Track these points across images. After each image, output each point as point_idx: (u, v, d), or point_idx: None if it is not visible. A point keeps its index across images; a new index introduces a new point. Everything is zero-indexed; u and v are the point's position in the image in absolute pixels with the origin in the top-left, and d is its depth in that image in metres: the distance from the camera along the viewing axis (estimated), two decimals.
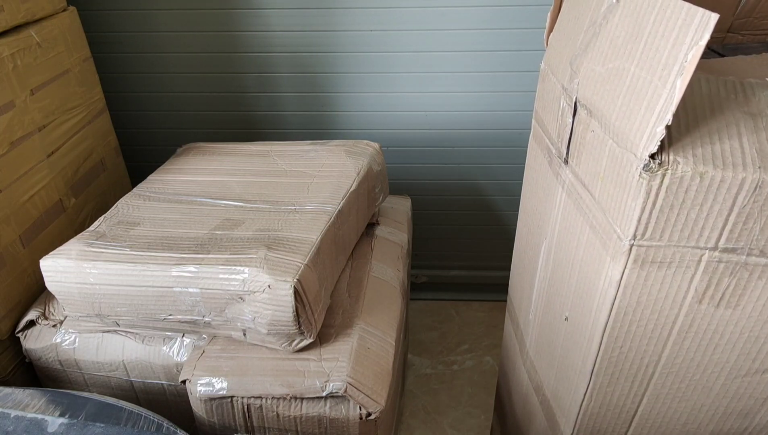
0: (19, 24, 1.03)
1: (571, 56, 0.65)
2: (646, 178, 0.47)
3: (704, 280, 0.53)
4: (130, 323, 0.93)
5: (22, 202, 1.02)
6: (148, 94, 1.49)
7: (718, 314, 0.55)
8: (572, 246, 0.66)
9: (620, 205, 0.52)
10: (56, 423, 0.73)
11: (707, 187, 0.46)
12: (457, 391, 1.45)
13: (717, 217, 0.48)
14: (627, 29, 0.53)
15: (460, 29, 1.36)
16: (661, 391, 0.64)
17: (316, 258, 0.88)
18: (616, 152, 0.52)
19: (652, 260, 0.52)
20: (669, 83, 0.45)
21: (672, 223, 0.50)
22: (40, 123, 1.07)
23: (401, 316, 1.05)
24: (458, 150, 1.52)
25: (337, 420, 0.86)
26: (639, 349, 0.60)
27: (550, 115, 0.71)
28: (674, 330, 0.58)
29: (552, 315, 0.76)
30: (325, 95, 1.47)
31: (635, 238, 0.51)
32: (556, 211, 0.71)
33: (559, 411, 0.77)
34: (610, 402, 0.67)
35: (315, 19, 1.36)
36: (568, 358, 0.70)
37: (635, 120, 0.49)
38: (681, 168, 0.46)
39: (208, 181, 1.09)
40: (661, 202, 0.48)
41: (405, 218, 1.32)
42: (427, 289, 1.77)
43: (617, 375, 0.63)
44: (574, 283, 0.66)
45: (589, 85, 0.59)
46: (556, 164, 0.70)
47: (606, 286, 0.57)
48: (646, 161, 0.47)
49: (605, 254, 0.56)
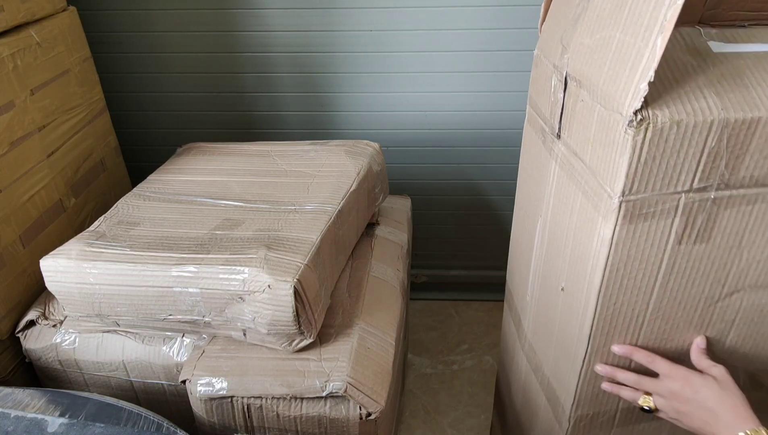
0: (19, 24, 1.03)
1: (561, 35, 0.68)
2: (630, 134, 0.52)
3: (682, 222, 0.58)
4: (130, 323, 0.93)
5: (22, 202, 1.02)
6: (148, 94, 1.49)
7: (695, 250, 0.60)
8: (566, 216, 0.69)
9: (609, 164, 0.56)
10: (56, 423, 0.73)
11: (683, 134, 0.52)
12: (457, 391, 1.45)
13: (691, 160, 0.54)
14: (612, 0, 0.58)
15: (460, 29, 1.36)
16: (650, 338, 0.67)
17: (316, 258, 0.88)
18: (603, 116, 0.56)
19: (638, 213, 0.57)
20: (651, 42, 0.50)
21: (655, 174, 0.54)
22: (40, 123, 1.07)
23: (401, 316, 1.05)
24: (458, 150, 1.52)
25: (337, 420, 0.86)
26: (630, 301, 0.64)
27: (543, 96, 0.74)
28: (659, 275, 0.62)
29: (549, 290, 0.78)
30: (325, 95, 1.47)
31: (624, 194, 0.55)
32: (550, 186, 0.73)
33: (559, 386, 0.78)
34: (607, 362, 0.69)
35: (314, 19, 1.36)
36: (566, 329, 0.72)
37: (621, 82, 0.53)
38: (660, 120, 0.51)
39: (208, 181, 1.09)
40: (645, 155, 0.53)
41: (405, 218, 1.32)
42: (427, 289, 1.77)
43: (612, 333, 0.66)
44: (569, 252, 0.69)
45: (578, 57, 0.63)
46: (549, 141, 0.73)
47: (599, 247, 0.60)
48: (631, 118, 0.51)
49: (597, 216, 0.60)
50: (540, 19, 0.77)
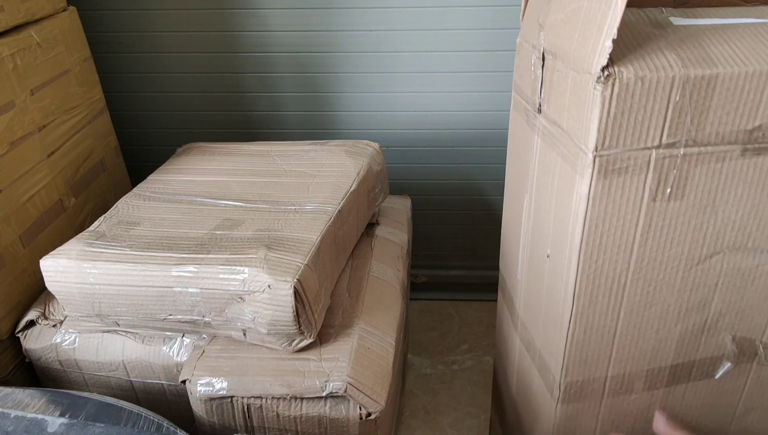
0: (19, 24, 1.03)
1: (537, 16, 0.72)
2: (599, 90, 0.56)
3: (655, 178, 0.61)
4: (130, 323, 0.93)
5: (22, 202, 1.02)
6: (148, 94, 1.49)
7: (670, 208, 0.63)
8: (548, 183, 0.71)
9: (583, 123, 0.60)
10: (56, 423, 0.73)
11: (648, 88, 0.56)
12: (457, 391, 1.45)
13: (658, 115, 0.57)
14: None
15: (460, 29, 1.36)
16: (634, 300, 0.69)
17: (316, 258, 0.88)
18: (576, 79, 0.60)
19: (612, 168, 0.60)
20: (612, 4, 0.54)
21: (624, 129, 0.58)
22: (40, 123, 1.07)
23: (401, 316, 1.05)
24: (458, 150, 1.52)
25: (337, 420, 0.86)
26: (611, 260, 0.66)
27: (525, 78, 0.77)
28: (638, 232, 0.64)
29: (536, 261, 0.80)
30: (325, 95, 1.47)
31: (597, 149, 0.59)
32: (534, 160, 0.76)
33: (549, 355, 0.79)
34: (593, 324, 0.71)
35: (315, 19, 1.36)
36: (552, 295, 0.75)
37: (589, 45, 0.57)
38: (626, 75, 0.55)
39: (208, 181, 1.09)
40: (614, 110, 0.57)
41: (405, 218, 1.32)
42: (427, 289, 1.77)
43: (596, 293, 0.68)
44: (552, 219, 0.72)
45: (552, 32, 0.66)
46: (531, 118, 0.76)
47: (577, 204, 0.63)
48: (599, 75, 0.55)
49: (574, 174, 0.63)
50: (521, 10, 0.81)
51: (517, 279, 0.90)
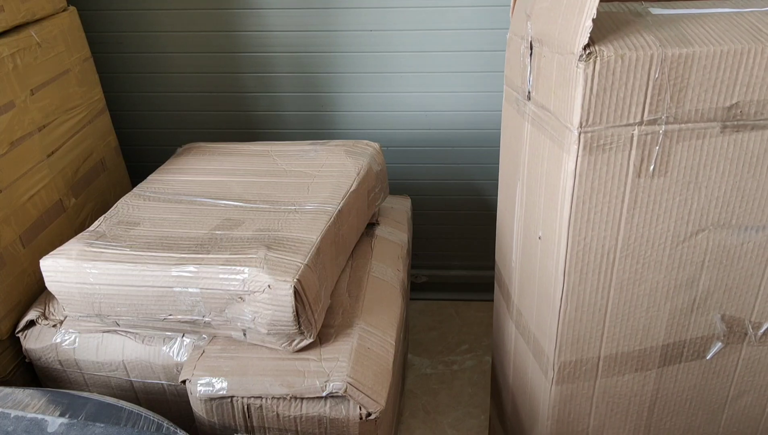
0: (19, 24, 1.03)
1: (525, 8, 0.74)
2: (581, 67, 0.58)
3: (638, 155, 0.63)
4: (130, 323, 0.93)
5: (22, 202, 1.02)
6: (148, 94, 1.49)
7: (654, 184, 0.65)
8: (538, 166, 0.73)
9: (567, 102, 0.62)
10: (56, 423, 0.73)
11: (627, 67, 0.58)
12: (457, 391, 1.45)
13: (638, 92, 0.60)
14: None
15: (459, 29, 1.36)
16: (623, 277, 0.71)
17: (316, 258, 0.88)
18: (561, 62, 0.62)
19: (596, 145, 0.62)
20: None
21: (607, 106, 0.60)
22: (40, 123, 1.07)
23: (401, 316, 1.05)
24: (458, 150, 1.52)
25: (337, 420, 0.86)
26: (599, 236, 0.68)
27: (515, 69, 0.79)
28: (624, 209, 0.66)
29: (529, 244, 0.81)
30: (325, 95, 1.47)
31: (581, 125, 0.61)
32: (525, 146, 0.78)
33: (542, 336, 0.80)
34: (584, 301, 0.72)
35: (315, 19, 1.36)
36: (544, 275, 0.76)
37: (571, 27, 0.60)
38: (606, 54, 0.58)
39: (208, 181, 1.09)
40: (597, 87, 0.59)
41: (405, 218, 1.32)
42: (427, 289, 1.77)
43: (585, 270, 0.70)
44: (543, 200, 0.73)
45: (539, 20, 0.68)
46: (521, 105, 0.78)
47: (565, 181, 0.65)
48: (581, 53, 0.58)
49: (561, 153, 0.65)
50: (511, 8, 0.82)
51: (512, 266, 0.92)
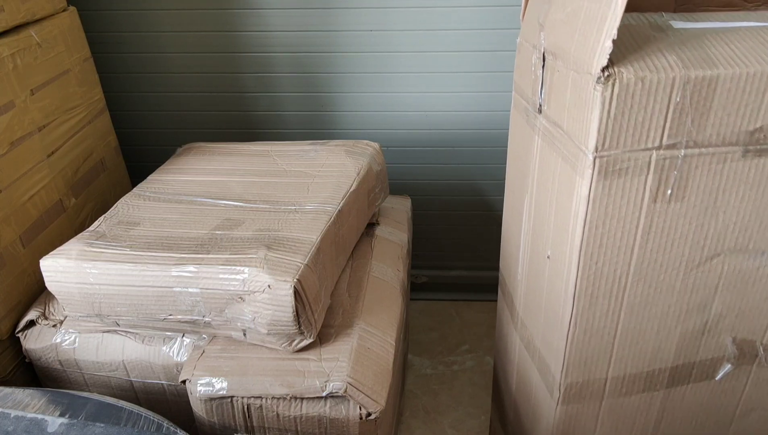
0: (19, 24, 1.03)
1: (537, 16, 0.72)
2: (599, 90, 0.55)
3: (656, 179, 0.61)
4: (130, 323, 0.93)
5: (22, 202, 1.02)
6: (148, 94, 1.49)
7: (670, 210, 0.63)
8: (549, 184, 0.71)
9: (583, 124, 0.60)
10: (56, 423, 0.73)
11: (648, 89, 0.55)
12: (457, 392, 1.45)
13: (658, 116, 0.57)
14: None
15: (460, 29, 1.36)
16: (634, 301, 0.69)
17: (316, 258, 0.88)
18: (576, 80, 0.60)
19: (612, 169, 0.60)
20: (612, 3, 0.54)
21: (625, 129, 0.57)
22: (40, 123, 1.07)
23: (401, 316, 1.05)
24: (458, 150, 1.52)
25: (337, 420, 0.86)
26: (612, 261, 0.66)
27: (526, 78, 0.77)
28: (638, 234, 0.64)
29: (537, 261, 0.80)
30: (325, 95, 1.47)
31: (597, 149, 0.58)
32: (534, 160, 0.76)
33: (549, 355, 0.79)
34: (593, 325, 0.71)
35: (315, 19, 1.36)
36: (553, 295, 0.74)
37: (589, 45, 0.57)
38: (626, 76, 0.55)
39: (208, 181, 1.09)
40: (614, 110, 0.56)
41: (405, 218, 1.32)
42: (427, 289, 1.77)
43: (596, 294, 0.68)
44: (552, 220, 0.71)
45: (553, 32, 0.66)
46: (532, 118, 0.76)
47: (578, 205, 0.63)
48: (599, 75, 0.55)
49: (575, 175, 0.63)
50: (522, 11, 0.81)
51: (518, 279, 0.90)
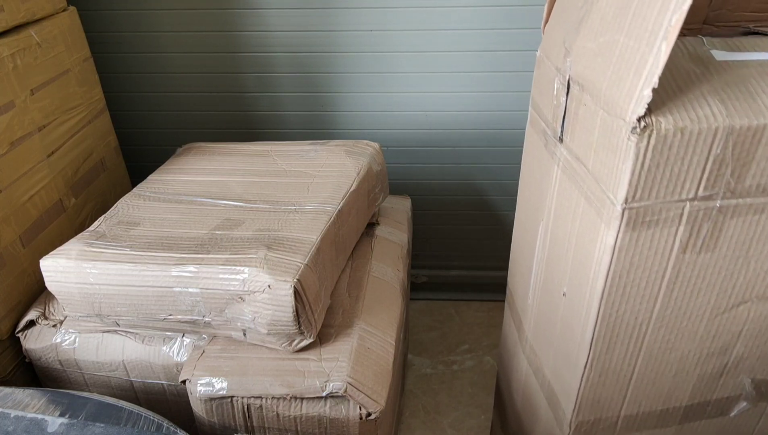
0: (19, 24, 1.03)
1: (564, 37, 0.67)
2: (634, 141, 0.51)
3: (687, 230, 0.57)
4: (130, 323, 0.93)
5: (22, 202, 1.02)
6: (148, 94, 1.49)
7: (700, 260, 0.59)
8: (568, 220, 0.68)
9: (612, 171, 0.55)
10: (56, 423, 0.73)
11: (687, 141, 0.51)
12: (457, 391, 1.45)
13: (696, 168, 0.53)
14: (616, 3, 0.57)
15: (460, 29, 1.36)
16: (654, 346, 0.67)
17: (316, 258, 0.88)
18: (606, 121, 0.55)
19: (642, 220, 0.56)
20: (655, 48, 0.49)
21: (659, 181, 0.53)
22: (40, 123, 1.07)
23: (401, 316, 1.05)
24: (458, 150, 1.52)
25: (337, 420, 0.86)
26: (633, 309, 0.63)
27: (546, 98, 0.73)
28: (663, 284, 0.61)
29: (550, 294, 0.77)
30: (325, 95, 1.47)
31: (627, 201, 0.54)
32: (552, 190, 0.73)
33: (559, 388, 0.77)
34: (609, 368, 0.68)
35: (315, 19, 1.36)
36: (567, 333, 0.72)
37: (624, 87, 0.52)
38: (664, 126, 0.50)
39: (208, 181, 1.09)
40: (649, 162, 0.52)
41: (405, 218, 1.32)
42: (427, 289, 1.77)
43: (614, 340, 0.66)
44: (570, 257, 0.69)
45: (581, 61, 0.62)
46: (551, 144, 0.72)
47: (601, 254, 0.60)
48: (634, 125, 0.50)
49: (600, 222, 0.59)
50: (543, 20, 0.77)
51: (528, 303, 0.88)
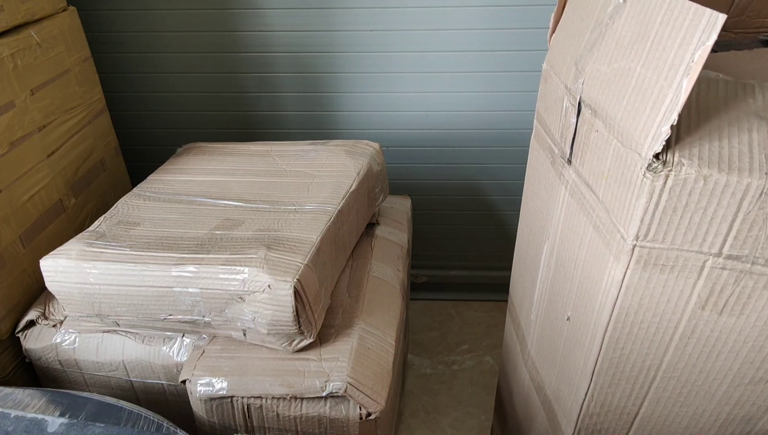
0: (19, 24, 1.03)
1: (575, 56, 0.65)
2: (649, 179, 0.47)
3: (707, 287, 0.52)
4: (130, 323, 0.93)
5: (22, 202, 1.02)
6: (148, 94, 1.49)
7: (722, 321, 0.54)
8: (575, 245, 0.66)
9: (624, 204, 0.52)
10: (56, 423, 0.73)
11: (711, 190, 0.45)
12: (457, 391, 1.45)
13: (721, 222, 0.47)
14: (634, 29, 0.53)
15: (460, 29, 1.36)
16: (663, 395, 0.64)
17: (316, 258, 0.88)
18: (620, 152, 0.52)
19: (654, 262, 0.52)
20: (675, 83, 0.45)
21: (675, 226, 0.49)
22: (40, 123, 1.07)
23: (401, 316, 1.05)
24: (458, 150, 1.52)
25: (337, 420, 0.86)
26: (641, 351, 0.60)
27: (553, 115, 0.71)
28: (676, 335, 0.57)
29: (554, 315, 0.76)
30: (325, 95, 1.47)
31: (638, 238, 0.51)
32: (559, 211, 0.71)
33: (560, 411, 0.77)
34: (611, 403, 0.67)
35: (315, 19, 1.36)
36: (569, 358, 0.71)
37: (640, 119, 0.48)
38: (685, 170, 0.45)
39: (208, 181, 1.09)
40: (664, 204, 0.48)
41: (405, 218, 1.32)
42: (427, 289, 1.77)
43: (618, 376, 0.63)
44: (576, 283, 0.67)
45: (594, 85, 0.59)
46: (558, 164, 0.70)
47: (608, 286, 0.57)
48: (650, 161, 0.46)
49: (608, 254, 0.56)
50: (549, 29, 0.75)
51: (531, 319, 0.87)
